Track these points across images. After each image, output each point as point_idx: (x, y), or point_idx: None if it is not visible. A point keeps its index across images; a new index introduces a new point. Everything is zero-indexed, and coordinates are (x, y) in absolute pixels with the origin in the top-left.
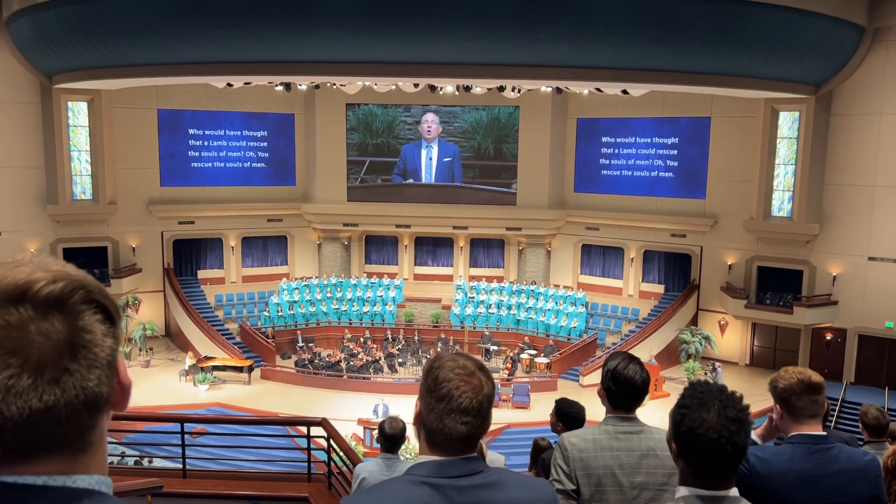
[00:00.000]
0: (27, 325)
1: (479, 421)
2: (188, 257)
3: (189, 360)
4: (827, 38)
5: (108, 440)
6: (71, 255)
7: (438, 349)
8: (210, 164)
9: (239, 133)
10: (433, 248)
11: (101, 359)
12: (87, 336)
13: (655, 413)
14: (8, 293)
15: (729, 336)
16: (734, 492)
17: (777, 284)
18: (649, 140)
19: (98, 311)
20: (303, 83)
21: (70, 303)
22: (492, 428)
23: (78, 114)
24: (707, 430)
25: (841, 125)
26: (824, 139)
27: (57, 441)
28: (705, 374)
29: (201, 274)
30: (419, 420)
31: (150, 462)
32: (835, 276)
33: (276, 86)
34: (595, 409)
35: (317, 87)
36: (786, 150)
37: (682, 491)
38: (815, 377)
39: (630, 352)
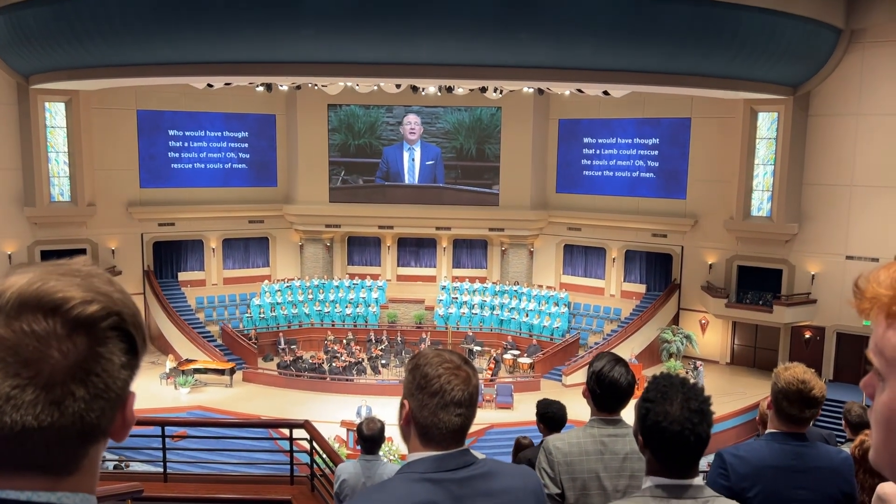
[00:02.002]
0: (50, 339)
1: (470, 412)
2: (168, 259)
3: (170, 363)
4: (804, 40)
5: None
6: (49, 257)
7: (423, 348)
8: (190, 166)
9: (219, 134)
10: (416, 249)
11: (110, 391)
12: (105, 364)
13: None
14: (43, 302)
15: (710, 335)
16: (698, 480)
17: (757, 283)
18: (630, 141)
19: (124, 341)
20: (284, 84)
21: (99, 327)
22: (475, 428)
23: (55, 115)
24: (671, 423)
25: (819, 126)
26: (803, 140)
27: (42, 463)
28: (686, 372)
29: (182, 276)
30: (409, 419)
31: (126, 466)
32: (813, 275)
33: (257, 86)
34: (576, 409)
35: (298, 87)
36: (765, 151)
37: (648, 481)
38: (817, 391)
39: (612, 351)
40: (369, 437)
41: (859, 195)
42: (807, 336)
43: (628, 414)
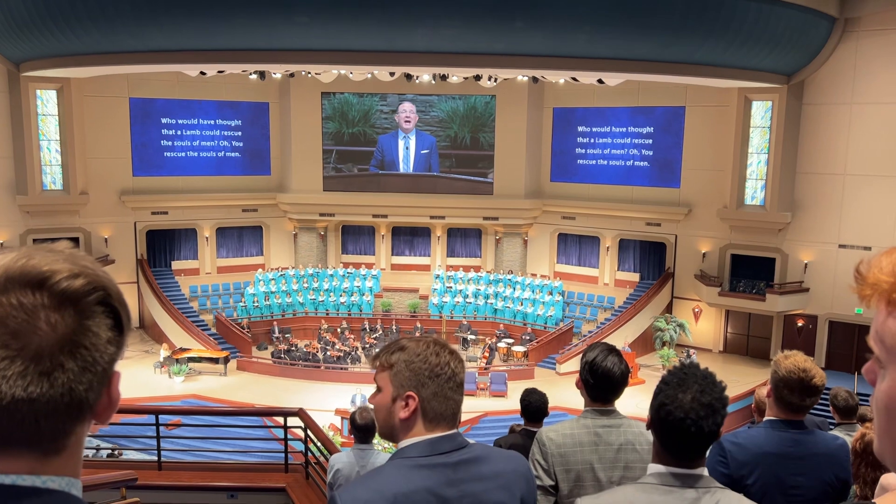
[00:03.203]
0: (38, 312)
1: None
2: (162, 248)
3: (164, 352)
4: (799, 29)
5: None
6: None
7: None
8: (183, 154)
9: (213, 122)
10: (410, 237)
11: (98, 364)
12: (92, 338)
13: (631, 399)
14: (30, 277)
15: (703, 323)
16: (703, 470)
17: (750, 272)
18: (625, 129)
19: (110, 317)
20: (277, 71)
21: (85, 301)
22: (470, 416)
23: (47, 102)
24: (676, 409)
25: (812, 115)
26: (796, 128)
27: (29, 438)
28: (680, 361)
29: (175, 265)
30: (416, 411)
31: (119, 454)
32: (806, 264)
33: (250, 74)
34: (566, 397)
35: (291, 75)
36: (759, 140)
37: (653, 468)
38: (818, 379)
39: (606, 340)
40: (362, 427)
41: (852, 184)
42: (799, 324)
43: (619, 401)
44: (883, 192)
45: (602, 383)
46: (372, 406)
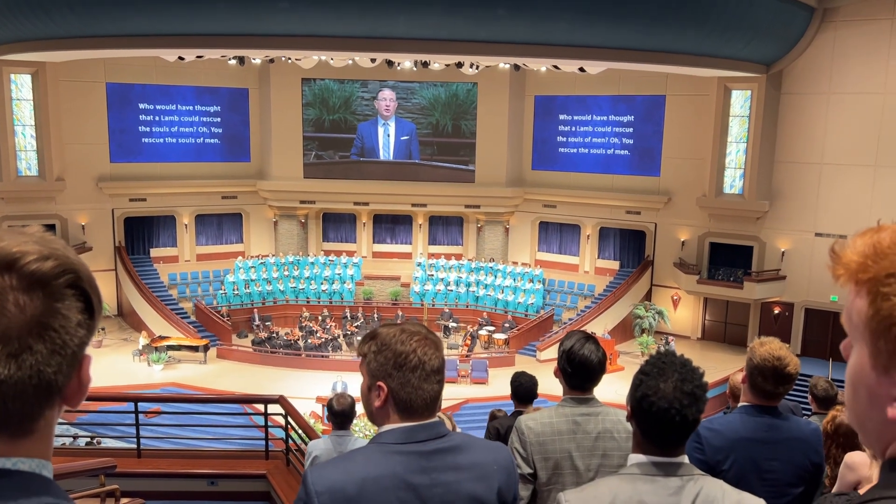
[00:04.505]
0: (6, 294)
1: (443, 376)
2: (140, 235)
3: (143, 340)
4: (777, 18)
5: (60, 422)
6: None
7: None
8: (162, 140)
9: (191, 108)
10: (392, 225)
11: (67, 347)
12: (62, 321)
13: (610, 386)
14: None
15: (681, 311)
16: (684, 458)
17: (728, 260)
18: (606, 118)
19: (81, 300)
20: (257, 57)
21: (55, 283)
22: (451, 403)
23: (21, 87)
24: (659, 399)
25: (791, 104)
26: (775, 118)
27: None
28: (659, 348)
29: (154, 252)
30: (387, 399)
31: (98, 443)
32: (783, 252)
33: (230, 59)
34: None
35: (271, 61)
36: (738, 129)
37: (634, 458)
38: (791, 368)
39: (585, 327)
40: (340, 413)
41: (829, 173)
42: (776, 312)
43: (598, 388)
44: (859, 181)
45: (579, 371)
46: (349, 392)
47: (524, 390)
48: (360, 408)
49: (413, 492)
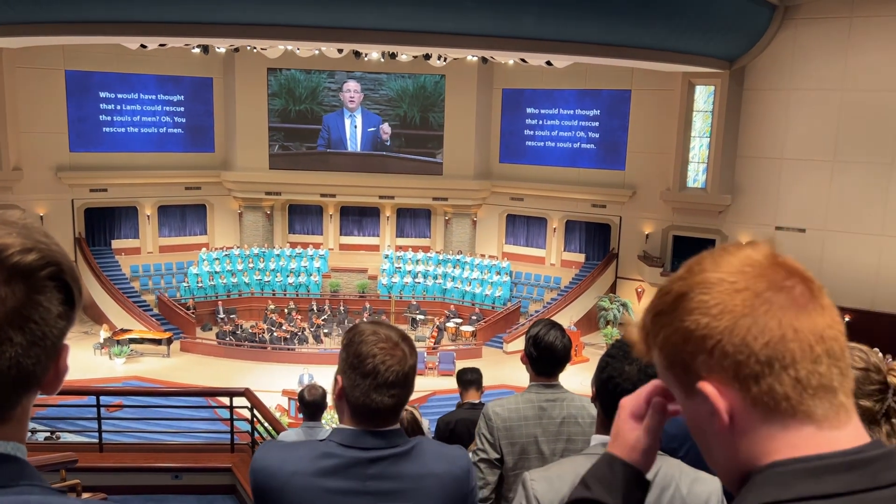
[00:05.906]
0: None
1: (404, 392)
2: (101, 226)
3: (104, 333)
4: (740, 15)
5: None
6: None
7: (364, 319)
8: (123, 130)
9: (154, 97)
10: (359, 217)
11: (47, 338)
12: (42, 312)
13: (576, 377)
14: None
15: (645, 302)
16: None
17: (691, 253)
18: (572, 112)
19: (62, 291)
20: (221, 46)
21: (37, 275)
22: (418, 395)
23: None
24: (624, 381)
25: (753, 100)
26: (737, 113)
27: None
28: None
29: (115, 244)
30: (341, 395)
31: (57, 438)
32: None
33: (193, 48)
34: (514, 374)
35: (236, 50)
36: (701, 123)
37: (597, 438)
38: None
39: (551, 319)
40: (311, 403)
41: (789, 168)
42: None
43: (563, 378)
44: (817, 177)
45: (545, 356)
46: (318, 384)
47: (466, 382)
48: (330, 400)
49: (340, 495)
